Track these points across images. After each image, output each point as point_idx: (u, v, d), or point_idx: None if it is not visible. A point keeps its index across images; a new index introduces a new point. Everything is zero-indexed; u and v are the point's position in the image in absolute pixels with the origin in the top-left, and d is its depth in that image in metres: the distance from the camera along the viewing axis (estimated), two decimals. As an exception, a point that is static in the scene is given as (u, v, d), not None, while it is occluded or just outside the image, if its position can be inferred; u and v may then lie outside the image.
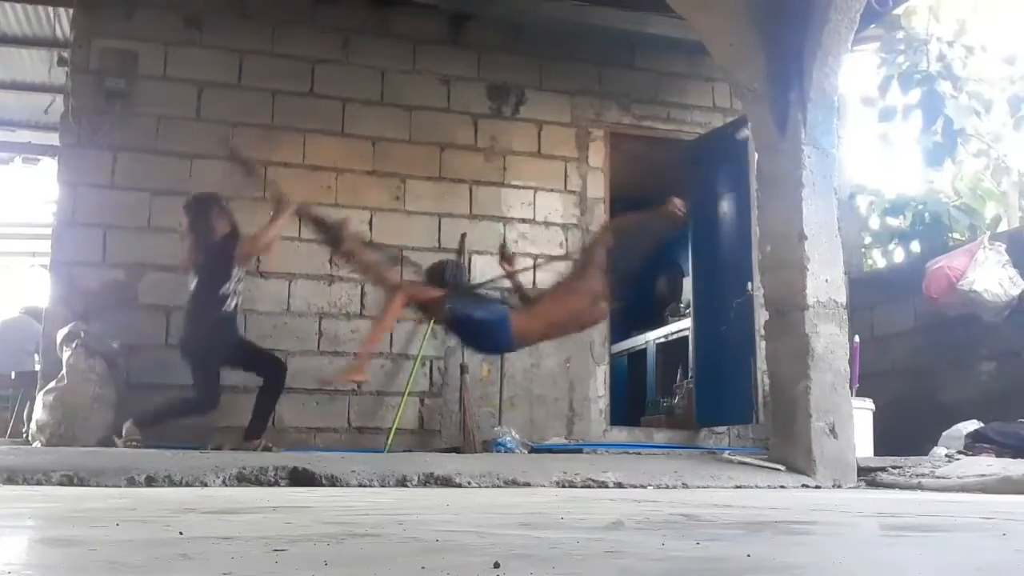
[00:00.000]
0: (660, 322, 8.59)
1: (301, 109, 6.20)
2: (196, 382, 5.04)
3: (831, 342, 4.30)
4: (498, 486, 3.72)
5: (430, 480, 3.67)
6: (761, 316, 5.10)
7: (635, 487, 3.84)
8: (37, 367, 6.07)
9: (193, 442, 4.91)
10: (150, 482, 3.35)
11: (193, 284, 5.12)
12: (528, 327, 4.58)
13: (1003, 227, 7.55)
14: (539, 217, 6.53)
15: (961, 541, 1.91)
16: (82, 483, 3.30)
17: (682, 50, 6.60)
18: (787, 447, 4.32)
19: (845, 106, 7.31)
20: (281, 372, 5.26)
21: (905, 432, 5.36)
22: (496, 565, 1.31)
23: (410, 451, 5.60)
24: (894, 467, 4.48)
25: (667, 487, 3.88)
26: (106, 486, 3.27)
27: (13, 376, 7.21)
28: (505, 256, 5.15)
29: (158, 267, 5.71)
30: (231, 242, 5.14)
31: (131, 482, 3.33)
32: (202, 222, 5.15)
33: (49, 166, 7.99)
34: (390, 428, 5.86)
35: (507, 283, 5.11)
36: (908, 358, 6.34)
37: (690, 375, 7.29)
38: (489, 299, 4.83)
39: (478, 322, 4.48)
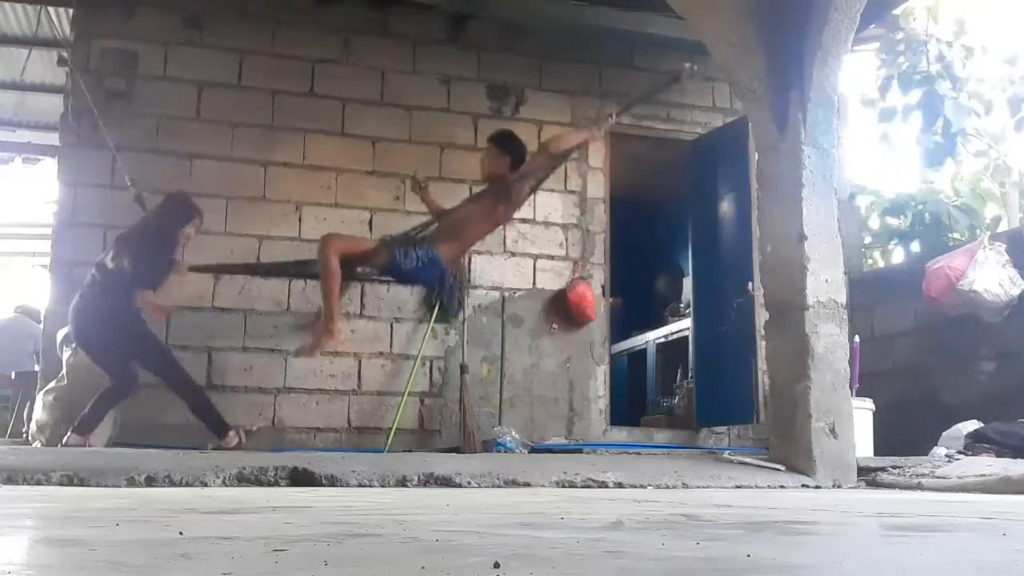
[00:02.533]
0: (660, 322, 8.59)
1: (301, 109, 6.20)
2: (115, 369, 4.97)
3: (831, 342, 4.30)
4: (498, 486, 3.72)
5: (430, 480, 3.67)
6: (761, 316, 5.10)
7: (635, 487, 3.84)
8: (36, 367, 6.07)
9: (192, 442, 4.91)
10: (150, 482, 3.35)
11: (111, 266, 4.96)
12: (452, 251, 5.03)
13: (1003, 227, 7.57)
14: (539, 217, 6.53)
15: (961, 541, 1.91)
16: (82, 483, 3.30)
17: (682, 50, 6.57)
18: (787, 447, 4.32)
19: (845, 106, 7.31)
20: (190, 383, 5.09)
21: (905, 432, 5.36)
22: (496, 565, 1.31)
23: (410, 451, 5.60)
24: (894, 467, 4.48)
25: (667, 487, 3.88)
26: (106, 486, 3.27)
27: (13, 376, 7.21)
28: (419, 185, 5.28)
29: (158, 267, 5.71)
30: (167, 265, 5.09)
31: (131, 482, 3.33)
32: (176, 226, 5.09)
33: (49, 166, 8.00)
34: (390, 428, 5.86)
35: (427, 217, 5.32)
36: (908, 358, 6.34)
37: (690, 375, 7.30)
38: (417, 240, 5.01)
39: (416, 269, 4.84)
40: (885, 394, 5.64)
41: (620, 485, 3.83)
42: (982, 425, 4.89)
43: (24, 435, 5.68)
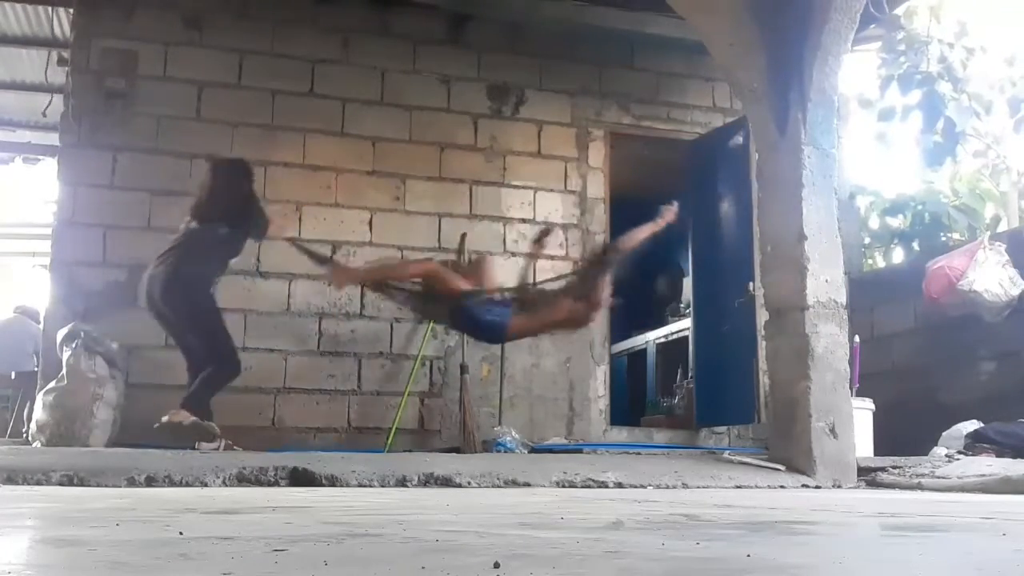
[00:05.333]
0: (660, 322, 8.59)
1: (301, 109, 6.20)
2: (214, 343, 4.87)
3: (831, 342, 4.30)
4: (498, 486, 3.72)
5: (430, 480, 3.67)
6: (762, 316, 5.10)
7: (635, 487, 3.84)
8: (36, 367, 6.07)
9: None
10: (150, 482, 3.35)
11: (200, 236, 4.89)
12: (523, 328, 5.03)
13: (1003, 227, 7.57)
14: (539, 217, 6.52)
15: (961, 541, 1.91)
16: (82, 483, 3.30)
17: (682, 50, 6.59)
18: (787, 447, 4.32)
19: (845, 106, 7.31)
20: (232, 368, 4.99)
21: (905, 432, 5.36)
22: (496, 565, 1.31)
23: (410, 451, 5.60)
24: (894, 467, 4.49)
25: (667, 487, 3.88)
26: (106, 486, 3.27)
27: (13, 376, 7.21)
28: (541, 240, 5.41)
29: (158, 267, 5.71)
30: (255, 220, 5.06)
31: (131, 482, 3.33)
32: (242, 188, 5.03)
33: (49, 166, 7.99)
34: (390, 428, 5.86)
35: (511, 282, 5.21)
36: (908, 358, 6.34)
37: (690, 375, 7.29)
38: (493, 300, 4.95)
39: (483, 322, 4.87)
40: (885, 394, 5.64)
41: (620, 485, 3.83)
42: (982, 425, 4.89)
43: (24, 435, 5.68)
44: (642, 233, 5.06)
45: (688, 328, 7.43)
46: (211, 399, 4.84)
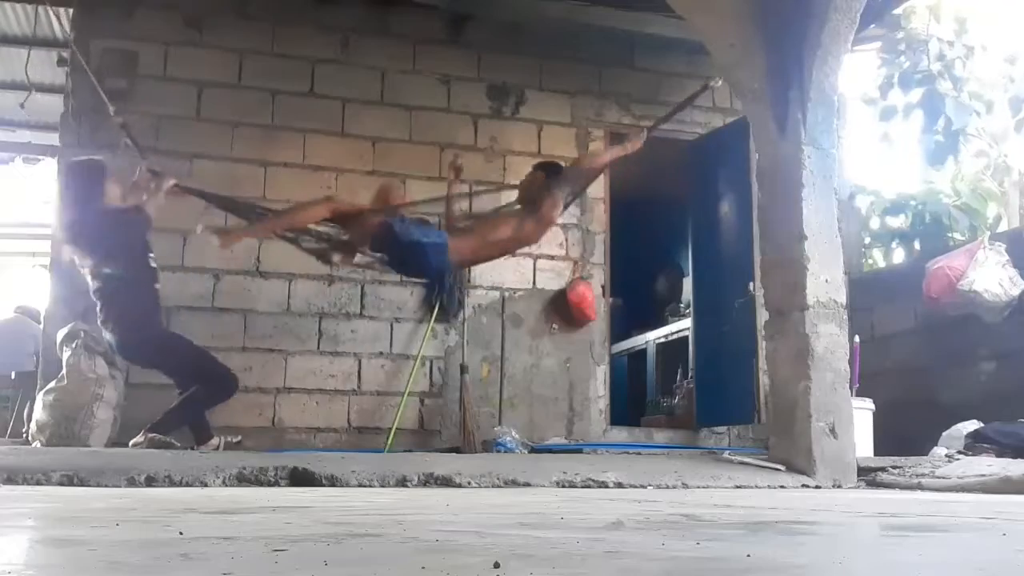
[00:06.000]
0: (660, 322, 8.59)
1: (301, 109, 6.20)
2: (199, 372, 4.90)
3: (831, 342, 4.30)
4: (498, 486, 3.72)
5: (430, 480, 3.67)
6: (762, 316, 5.10)
7: (635, 487, 3.84)
8: (36, 367, 6.06)
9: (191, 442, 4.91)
10: (150, 482, 3.35)
11: (103, 273, 4.75)
12: (463, 251, 4.75)
13: (1003, 227, 7.55)
14: (539, 217, 6.51)
15: (961, 541, 1.91)
16: (82, 483, 3.30)
17: (682, 50, 6.59)
18: (787, 447, 4.32)
19: (845, 106, 7.31)
20: (226, 386, 4.98)
21: (905, 432, 5.36)
22: (496, 565, 1.31)
23: (410, 451, 5.60)
24: (894, 467, 4.48)
25: (667, 487, 3.88)
26: (106, 486, 3.27)
27: (13, 376, 7.21)
28: (455, 168, 5.17)
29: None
30: (137, 217, 4.82)
31: (131, 482, 3.33)
32: (97, 193, 4.77)
33: (49, 166, 7.99)
34: (390, 428, 5.86)
35: (439, 207, 5.20)
36: (908, 358, 6.34)
37: (690, 375, 7.30)
38: (427, 224, 4.87)
39: (421, 246, 4.51)
40: (885, 394, 5.64)
41: (620, 485, 3.83)
42: (982, 425, 4.89)
43: (24, 435, 5.67)
44: (606, 156, 5.24)
45: (688, 328, 7.43)
46: (197, 418, 4.87)
